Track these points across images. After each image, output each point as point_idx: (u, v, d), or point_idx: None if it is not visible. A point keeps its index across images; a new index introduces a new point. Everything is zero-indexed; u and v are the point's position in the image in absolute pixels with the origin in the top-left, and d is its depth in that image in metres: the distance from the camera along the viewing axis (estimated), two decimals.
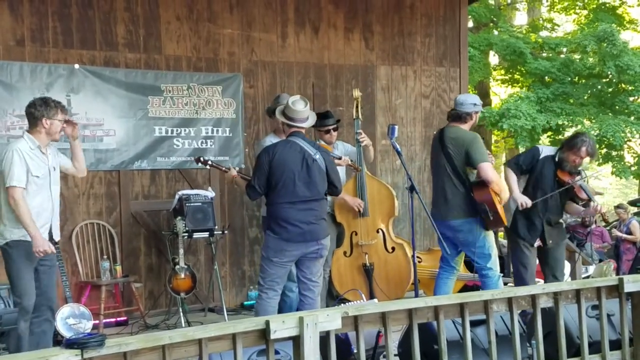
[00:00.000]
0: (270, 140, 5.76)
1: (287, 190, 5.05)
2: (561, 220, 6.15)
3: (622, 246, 10.82)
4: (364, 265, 6.48)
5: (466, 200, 5.52)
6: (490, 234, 5.67)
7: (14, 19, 6.36)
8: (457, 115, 5.69)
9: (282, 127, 5.36)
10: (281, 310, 5.58)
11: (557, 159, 5.85)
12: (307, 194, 5.09)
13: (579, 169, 5.92)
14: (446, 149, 5.57)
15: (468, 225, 5.52)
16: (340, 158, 6.15)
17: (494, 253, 5.65)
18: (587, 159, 5.99)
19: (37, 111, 4.70)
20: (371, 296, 6.32)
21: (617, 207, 11.74)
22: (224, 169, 5.69)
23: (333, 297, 6.53)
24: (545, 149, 6.06)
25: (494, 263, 5.63)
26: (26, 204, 4.59)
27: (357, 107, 6.61)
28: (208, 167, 5.94)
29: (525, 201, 5.72)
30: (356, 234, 6.50)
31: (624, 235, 10.85)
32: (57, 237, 4.94)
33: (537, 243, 5.95)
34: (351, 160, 6.34)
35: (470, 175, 5.61)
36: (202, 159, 5.89)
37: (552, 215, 5.92)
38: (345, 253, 6.53)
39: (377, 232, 6.53)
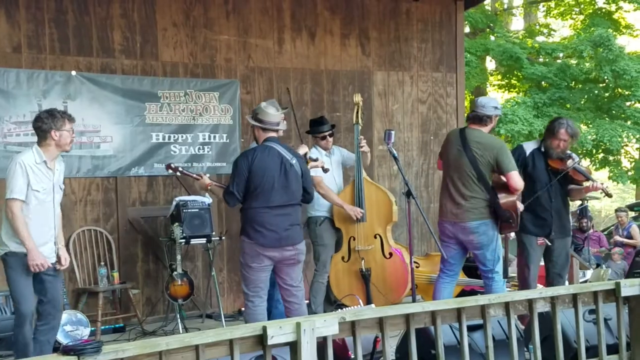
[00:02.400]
0: None
1: (265, 195, 5.07)
2: (569, 217, 6.16)
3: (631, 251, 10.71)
4: (360, 271, 6.47)
5: (486, 203, 5.49)
6: (499, 237, 5.67)
7: (10, 25, 6.36)
8: (477, 118, 5.57)
9: (255, 133, 5.30)
10: (275, 318, 5.59)
11: (542, 150, 5.86)
12: (284, 199, 5.12)
13: (568, 152, 5.89)
14: (471, 151, 5.46)
15: (485, 227, 5.48)
16: (316, 159, 6.10)
17: (502, 257, 5.66)
18: (571, 142, 5.92)
19: (45, 124, 4.66)
20: (368, 301, 6.31)
21: (618, 210, 11.69)
22: (194, 176, 5.60)
23: (331, 302, 6.53)
24: (528, 144, 6.02)
25: (501, 267, 5.63)
26: (23, 217, 4.57)
27: (357, 112, 6.59)
28: (178, 174, 5.80)
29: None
30: (354, 240, 6.50)
31: (625, 240, 10.80)
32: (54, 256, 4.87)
33: (542, 241, 5.92)
34: (342, 166, 6.39)
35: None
36: (172, 165, 5.78)
37: (559, 203, 5.90)
38: (343, 258, 6.54)
39: (375, 237, 6.52)
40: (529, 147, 5.95)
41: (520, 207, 5.61)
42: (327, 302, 6.53)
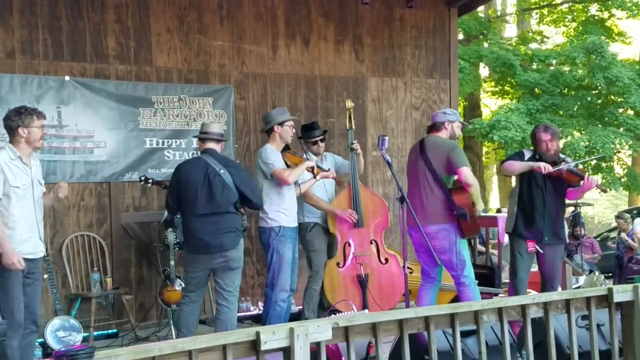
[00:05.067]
0: (272, 149, 5.80)
1: (191, 204, 5.39)
2: (564, 223, 6.18)
3: (625, 257, 10.63)
4: (358, 277, 6.45)
5: (444, 206, 5.55)
6: (465, 242, 5.69)
7: (4, 31, 6.36)
8: (432, 125, 5.83)
9: (199, 145, 5.70)
10: (271, 320, 5.62)
11: (537, 157, 5.96)
12: (209, 208, 5.38)
13: (562, 156, 5.98)
14: (426, 155, 5.61)
15: (444, 232, 5.53)
16: (328, 170, 6.19)
17: (469, 262, 5.69)
18: (554, 141, 5.98)
19: (13, 122, 4.67)
20: (365, 307, 6.29)
21: (618, 217, 11.61)
22: (164, 185, 5.83)
23: (324, 308, 6.52)
24: (527, 151, 6.17)
25: (470, 271, 5.65)
26: (0, 215, 4.56)
27: (349, 117, 6.62)
28: (149, 185, 6.18)
29: (544, 165, 5.75)
30: (350, 245, 6.47)
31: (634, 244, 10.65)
32: (42, 252, 4.88)
33: (532, 248, 5.94)
34: (336, 173, 6.40)
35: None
36: (145, 177, 6.24)
37: (552, 209, 5.96)
38: (338, 264, 6.49)
39: (371, 243, 6.52)
40: (528, 153, 6.09)
41: (548, 166, 5.70)
42: (320, 308, 6.51)
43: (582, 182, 5.89)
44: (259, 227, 5.97)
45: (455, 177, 5.64)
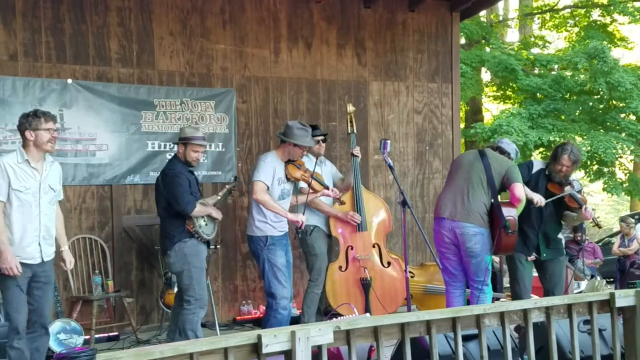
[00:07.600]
0: (273, 158, 5.78)
1: None
2: (560, 236, 6.20)
3: (627, 261, 10.60)
4: (361, 280, 6.43)
5: (487, 211, 5.56)
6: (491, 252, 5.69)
7: (7, 33, 6.37)
8: (499, 149, 5.91)
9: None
10: (273, 327, 5.59)
11: (547, 172, 5.93)
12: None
13: (571, 179, 5.97)
14: (487, 160, 5.66)
15: (481, 236, 5.52)
16: (328, 188, 6.15)
17: (491, 269, 5.72)
18: (573, 168, 6.00)
19: (21, 125, 4.69)
20: (367, 311, 6.28)
21: (622, 220, 11.57)
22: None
23: (321, 313, 6.50)
24: (537, 163, 6.17)
25: (489, 279, 5.69)
26: (1, 218, 4.54)
27: (351, 121, 6.62)
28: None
29: (540, 199, 5.76)
30: (352, 249, 6.46)
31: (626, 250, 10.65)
32: (48, 257, 4.79)
33: (532, 257, 5.96)
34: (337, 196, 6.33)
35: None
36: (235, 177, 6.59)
37: (548, 228, 5.98)
38: (340, 268, 6.48)
39: (373, 246, 6.51)
40: (537, 165, 6.09)
41: (543, 200, 5.76)
42: (317, 312, 6.47)
43: (580, 211, 5.92)
44: (247, 234, 5.93)
45: None
